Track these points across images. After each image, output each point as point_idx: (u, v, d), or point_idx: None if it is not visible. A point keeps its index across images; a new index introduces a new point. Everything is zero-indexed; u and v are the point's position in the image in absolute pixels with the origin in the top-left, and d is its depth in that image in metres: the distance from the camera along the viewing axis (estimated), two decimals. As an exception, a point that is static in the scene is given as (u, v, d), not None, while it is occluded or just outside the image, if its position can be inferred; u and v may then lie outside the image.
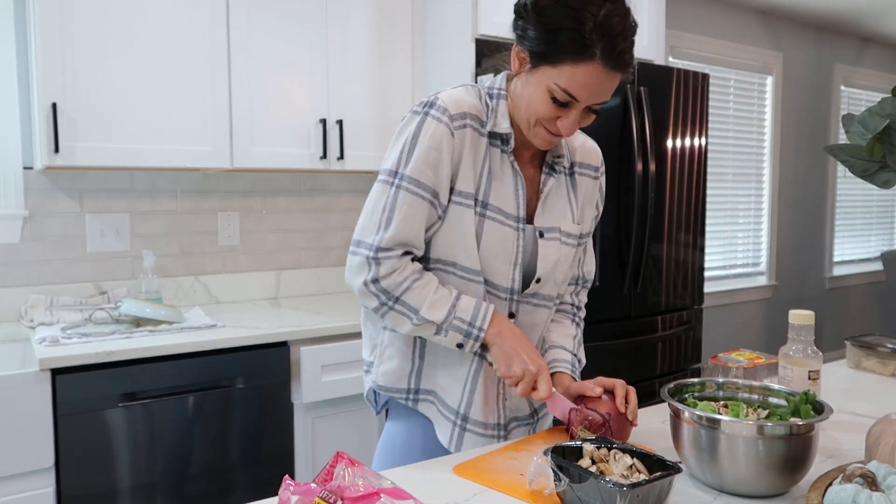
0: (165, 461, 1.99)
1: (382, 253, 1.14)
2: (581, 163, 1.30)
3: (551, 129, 1.14)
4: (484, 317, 1.16)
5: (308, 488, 0.85)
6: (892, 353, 1.67)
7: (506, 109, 1.19)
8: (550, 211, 1.24)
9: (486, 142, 1.18)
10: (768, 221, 4.73)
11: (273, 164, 2.41)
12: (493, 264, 1.20)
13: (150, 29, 2.17)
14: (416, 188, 1.14)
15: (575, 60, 1.06)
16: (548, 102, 1.10)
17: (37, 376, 1.80)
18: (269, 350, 2.14)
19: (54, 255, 2.37)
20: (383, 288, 1.15)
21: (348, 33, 2.54)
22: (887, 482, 0.86)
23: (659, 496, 0.90)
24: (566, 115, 1.11)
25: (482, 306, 1.17)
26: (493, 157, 1.19)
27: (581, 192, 1.30)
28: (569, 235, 1.26)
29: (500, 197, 1.19)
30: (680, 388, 1.13)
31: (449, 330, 1.16)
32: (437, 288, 1.17)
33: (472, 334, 1.16)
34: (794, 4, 4.40)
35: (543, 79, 1.10)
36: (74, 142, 2.07)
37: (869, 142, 1.05)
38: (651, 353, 2.71)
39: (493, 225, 1.18)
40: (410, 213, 1.14)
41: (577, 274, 1.38)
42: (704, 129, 2.83)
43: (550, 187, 1.25)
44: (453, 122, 1.14)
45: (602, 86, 1.08)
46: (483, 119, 1.18)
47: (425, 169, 1.14)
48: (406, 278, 1.15)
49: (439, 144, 1.13)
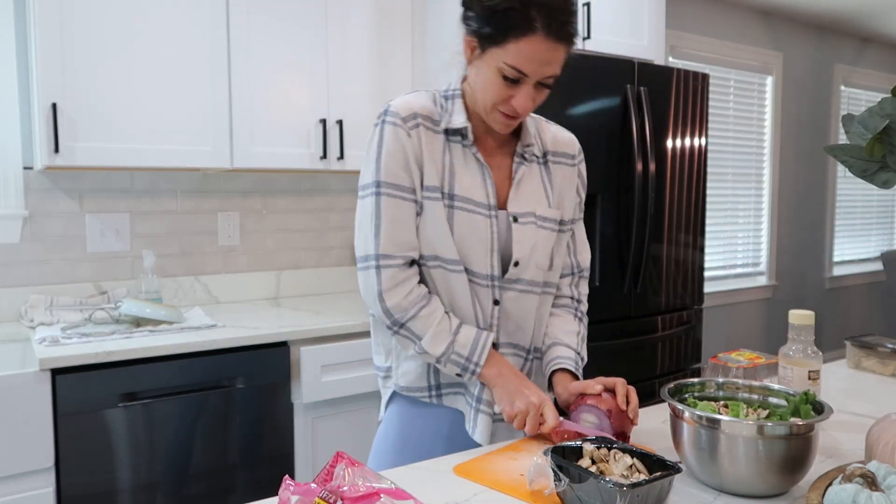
0: (165, 461, 1.99)
1: (383, 260, 1.20)
2: (555, 151, 1.34)
3: (507, 111, 1.18)
4: (481, 353, 1.21)
5: (308, 488, 0.85)
6: (892, 353, 1.67)
7: (461, 106, 1.25)
8: (524, 196, 1.28)
9: (442, 138, 1.24)
10: (768, 221, 4.73)
11: (273, 164, 2.41)
12: (470, 253, 1.23)
13: (150, 29, 2.17)
14: (395, 191, 1.20)
15: (518, 36, 1.11)
16: (499, 83, 1.15)
17: (37, 376, 1.80)
18: (269, 350, 2.14)
19: (54, 255, 2.37)
20: (388, 309, 1.21)
21: (348, 33, 2.54)
22: (887, 482, 0.86)
23: (659, 496, 0.90)
24: (518, 93, 1.15)
25: (479, 342, 1.21)
26: (455, 152, 1.25)
27: (557, 179, 1.33)
28: (545, 220, 1.29)
29: (467, 187, 1.23)
30: (680, 388, 1.13)
31: (447, 363, 1.22)
32: (441, 319, 1.21)
33: (469, 369, 1.21)
34: (794, 4, 4.40)
35: (492, 60, 1.14)
36: (74, 142, 2.07)
37: (869, 142, 1.05)
38: (651, 353, 2.71)
39: (464, 214, 1.22)
40: (397, 216, 1.20)
41: (571, 262, 1.39)
42: (704, 129, 2.83)
43: (522, 174, 1.29)
44: (406, 123, 1.21)
45: (547, 58, 1.13)
46: (435, 118, 1.24)
47: (397, 171, 1.20)
48: (412, 304, 1.21)
49: (401, 146, 1.20)
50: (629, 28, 2.88)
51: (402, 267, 1.21)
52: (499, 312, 1.28)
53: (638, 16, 2.91)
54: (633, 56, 2.81)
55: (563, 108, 2.41)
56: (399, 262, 1.20)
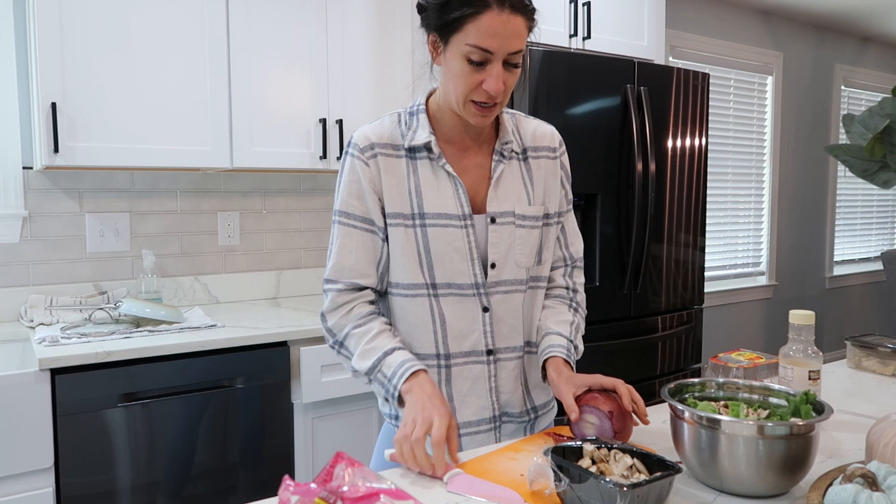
0: (165, 461, 1.99)
1: (327, 284, 1.26)
2: (535, 146, 1.34)
3: (480, 97, 1.17)
4: (402, 374, 1.16)
5: (308, 488, 0.85)
6: (892, 353, 1.67)
7: (425, 121, 1.26)
8: (503, 195, 1.28)
9: (404, 161, 1.25)
10: (768, 221, 4.73)
11: (273, 164, 2.41)
12: (451, 266, 1.24)
13: (150, 29, 2.17)
14: (347, 219, 1.25)
15: (474, 16, 1.12)
16: (467, 69, 1.15)
17: (36, 376, 1.80)
18: (269, 350, 2.14)
19: (54, 255, 2.37)
20: (329, 329, 1.26)
21: (348, 33, 2.54)
22: (887, 482, 0.86)
23: (659, 496, 0.90)
24: (488, 75, 1.15)
25: (405, 364, 1.17)
26: (422, 169, 1.25)
27: (539, 175, 1.32)
28: (524, 218, 1.28)
29: (439, 203, 1.24)
30: (680, 388, 1.13)
31: (374, 382, 1.21)
32: (374, 337, 1.21)
33: (389, 390, 1.18)
34: (794, 4, 4.40)
35: (456, 49, 1.15)
36: (74, 142, 2.07)
37: (869, 142, 1.05)
38: (651, 353, 2.71)
39: (438, 230, 1.24)
40: (344, 243, 1.25)
41: (563, 254, 1.39)
42: (704, 128, 2.83)
43: (501, 172, 1.28)
44: (364, 153, 1.24)
45: (507, 30, 1.12)
46: (397, 142, 1.26)
47: (351, 200, 1.25)
48: (349, 322, 1.24)
49: (357, 177, 1.24)
50: (629, 28, 2.88)
51: (344, 291, 1.25)
52: (490, 319, 1.27)
53: (638, 16, 2.90)
54: (633, 56, 2.81)
55: (564, 108, 2.41)
56: (341, 286, 1.25)
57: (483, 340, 1.28)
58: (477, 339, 1.27)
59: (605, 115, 2.51)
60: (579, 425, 1.16)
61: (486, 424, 1.28)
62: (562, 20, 2.70)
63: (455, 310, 1.26)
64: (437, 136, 1.27)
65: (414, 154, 1.26)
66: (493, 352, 1.29)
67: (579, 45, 2.74)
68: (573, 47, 2.72)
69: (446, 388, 1.28)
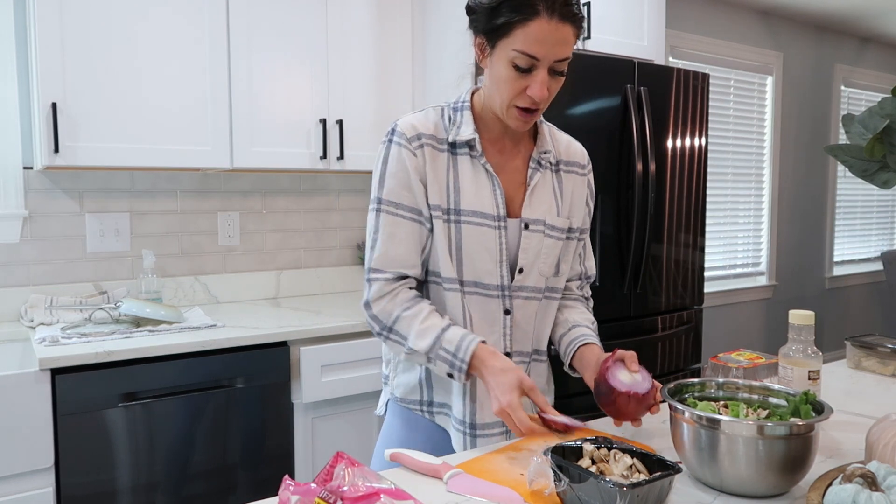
0: (165, 461, 1.99)
1: (373, 274, 1.25)
2: (567, 161, 1.36)
3: (523, 103, 1.19)
4: (466, 348, 1.18)
5: (308, 488, 0.85)
6: (892, 353, 1.67)
7: (469, 118, 1.27)
8: (537, 203, 1.29)
9: (446, 155, 1.26)
10: (768, 221, 4.73)
11: (273, 164, 2.41)
12: (480, 265, 1.26)
13: (150, 29, 2.17)
14: (395, 209, 1.24)
15: (523, 23, 1.13)
16: (513, 75, 1.16)
17: (37, 376, 1.80)
18: (269, 350, 2.14)
19: (54, 255, 2.37)
20: (375, 316, 1.25)
21: (348, 33, 2.54)
22: (887, 482, 0.86)
23: (659, 496, 0.90)
24: (532, 81, 1.16)
25: (466, 338, 1.19)
26: (462, 165, 1.26)
27: (568, 188, 1.35)
28: (553, 228, 1.31)
29: (476, 201, 1.25)
30: (680, 388, 1.13)
31: (436, 360, 1.21)
32: (427, 317, 1.22)
33: (456, 365, 1.19)
34: (794, 4, 4.40)
35: (503, 53, 1.16)
36: (74, 142, 2.07)
37: (869, 142, 1.05)
38: (651, 353, 2.71)
39: (471, 228, 1.25)
40: (393, 233, 1.24)
41: (580, 270, 1.44)
42: (704, 129, 2.83)
43: (537, 181, 1.30)
44: (411, 143, 1.24)
45: (555, 38, 1.13)
46: (440, 136, 1.26)
47: (399, 190, 1.24)
48: (397, 306, 1.23)
49: (405, 165, 1.24)
50: (629, 28, 2.88)
51: (391, 281, 1.24)
52: (510, 322, 1.30)
53: (638, 16, 2.90)
54: (633, 56, 2.81)
55: (564, 108, 2.40)
56: (388, 276, 1.24)
57: (503, 342, 1.30)
58: (497, 341, 1.30)
59: (605, 115, 2.51)
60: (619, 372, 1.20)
61: (500, 427, 1.30)
62: (562, 20, 2.70)
63: (479, 309, 1.28)
64: (480, 132, 1.29)
65: (455, 149, 1.27)
66: (511, 354, 1.31)
67: (579, 45, 2.74)
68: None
69: (471, 387, 1.29)
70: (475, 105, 1.30)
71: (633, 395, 1.17)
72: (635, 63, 2.58)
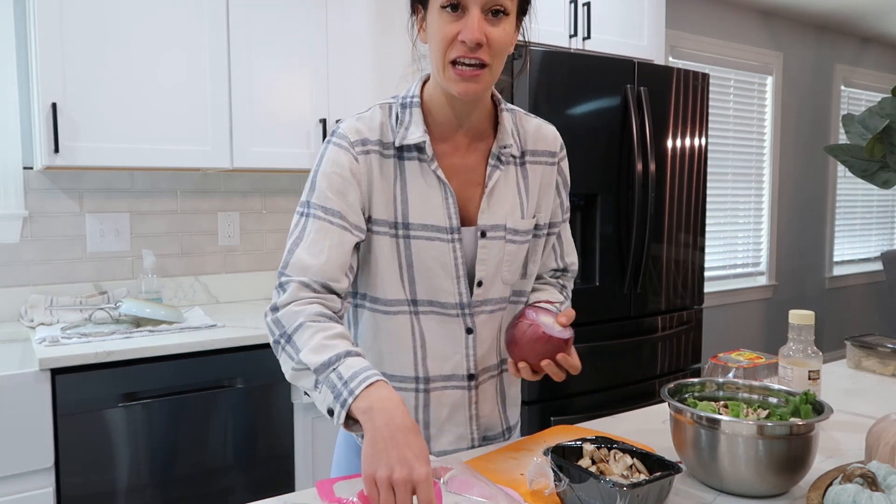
0: (165, 461, 1.99)
1: (285, 278, 1.06)
2: (534, 150, 1.21)
3: (458, 53, 1.04)
4: (364, 380, 0.91)
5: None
6: (892, 353, 1.67)
7: (419, 116, 1.12)
8: (496, 207, 1.15)
9: (393, 162, 1.12)
10: (768, 221, 4.73)
11: (273, 164, 2.41)
12: (435, 283, 1.13)
13: (150, 29, 2.17)
14: (324, 214, 1.08)
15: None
16: (445, 19, 1.04)
17: (37, 376, 1.80)
18: (270, 350, 2.13)
19: (54, 255, 2.37)
20: (278, 319, 1.03)
21: (348, 33, 2.54)
22: (887, 482, 0.86)
23: (659, 496, 0.90)
24: (465, 22, 1.03)
25: (369, 372, 0.93)
26: (412, 172, 1.12)
27: (535, 182, 1.20)
28: (516, 232, 1.17)
29: (425, 213, 1.12)
30: (680, 388, 1.13)
31: (323, 384, 0.94)
32: (335, 337, 0.98)
33: (341, 396, 0.91)
34: (794, 4, 4.40)
35: (433, 6, 1.06)
36: (74, 142, 2.07)
37: (869, 142, 1.05)
38: (651, 353, 2.71)
39: (422, 243, 1.12)
40: (317, 240, 1.06)
41: (557, 265, 1.31)
42: (704, 129, 2.83)
43: (497, 180, 1.16)
44: (354, 148, 1.10)
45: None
46: (387, 139, 1.12)
47: (330, 195, 1.08)
48: (304, 315, 1.01)
49: (342, 170, 1.09)
50: (629, 28, 2.88)
51: (305, 287, 1.05)
52: (473, 342, 1.17)
53: (638, 16, 2.90)
54: (633, 56, 2.81)
55: (564, 108, 2.41)
56: (304, 280, 1.05)
57: (465, 364, 1.17)
58: (458, 363, 1.17)
59: (605, 115, 2.51)
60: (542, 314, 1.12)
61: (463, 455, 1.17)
62: (562, 20, 2.70)
63: (437, 330, 1.15)
64: (429, 130, 1.14)
65: (402, 154, 1.12)
66: (475, 376, 1.19)
67: (579, 46, 2.74)
68: (573, 47, 2.72)
69: (423, 413, 1.18)
70: (425, 97, 1.15)
71: (543, 334, 1.08)
72: (635, 63, 2.58)
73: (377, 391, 0.90)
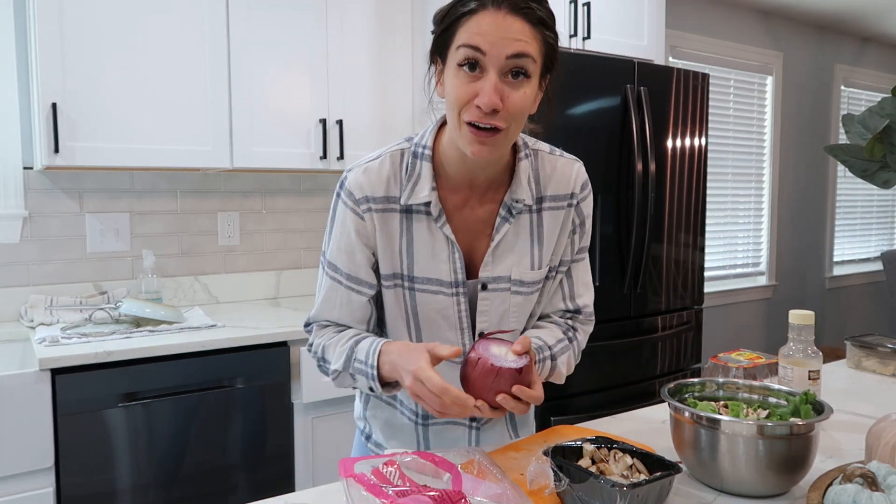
0: (165, 461, 1.99)
1: (312, 326, 1.20)
2: (553, 195, 1.16)
3: (472, 117, 0.99)
4: (374, 351, 1.07)
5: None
6: (892, 353, 1.67)
7: (429, 172, 1.09)
8: (500, 259, 1.13)
9: (399, 217, 1.11)
10: (768, 221, 4.73)
11: (273, 164, 2.41)
12: (439, 334, 1.15)
13: (150, 29, 2.17)
14: (334, 273, 1.15)
15: (468, 17, 0.98)
16: (461, 79, 0.99)
17: (37, 376, 1.80)
18: (269, 350, 2.14)
19: (54, 255, 2.37)
20: (312, 351, 1.19)
21: (348, 33, 2.54)
22: (887, 482, 0.86)
23: (659, 496, 0.90)
24: (482, 85, 0.97)
25: (374, 343, 1.09)
26: (419, 227, 1.11)
27: (551, 230, 1.16)
28: (522, 283, 1.14)
29: (430, 268, 1.12)
30: (680, 388, 1.13)
31: (356, 374, 1.10)
32: (349, 339, 1.13)
33: (368, 373, 1.07)
34: (794, 4, 4.40)
35: (451, 61, 1.00)
36: (74, 142, 2.07)
37: (869, 142, 1.05)
38: (651, 353, 2.71)
39: (426, 296, 1.13)
40: (329, 297, 1.16)
41: (566, 307, 1.22)
42: (704, 129, 2.83)
43: (504, 234, 1.13)
44: (359, 206, 1.10)
45: (502, 31, 0.96)
46: (393, 194, 1.10)
47: (339, 255, 1.14)
48: (325, 338, 1.16)
49: (348, 230, 1.12)
50: (629, 28, 2.88)
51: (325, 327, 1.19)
52: None
53: (638, 16, 2.91)
54: (633, 56, 2.81)
55: (564, 108, 2.40)
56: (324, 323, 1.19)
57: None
58: None
59: (605, 115, 2.51)
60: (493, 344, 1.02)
61: None
62: (562, 20, 2.70)
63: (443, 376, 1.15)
64: (440, 184, 1.11)
65: (410, 209, 1.11)
66: (478, 419, 1.21)
67: (579, 46, 2.74)
68: (573, 47, 2.72)
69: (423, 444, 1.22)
70: (439, 148, 1.11)
71: (492, 367, 0.98)
72: (635, 63, 2.58)
73: (385, 356, 1.06)
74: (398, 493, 0.88)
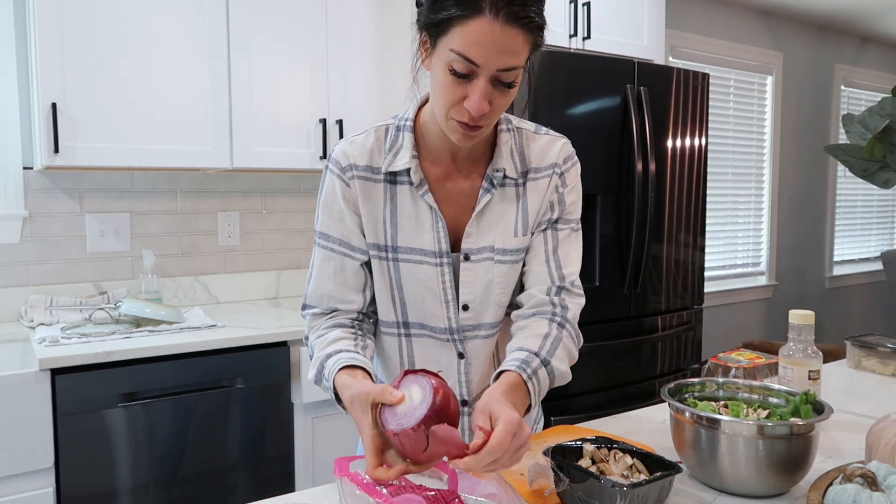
0: (165, 461, 1.99)
1: (306, 310, 1.17)
2: (537, 167, 1.16)
3: (461, 116, 1.00)
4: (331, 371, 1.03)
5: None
6: (892, 353, 1.67)
7: (410, 141, 1.11)
8: (484, 229, 1.13)
9: (383, 186, 1.12)
10: (768, 221, 4.73)
11: (273, 164, 2.41)
12: (425, 307, 1.14)
13: (150, 29, 2.17)
14: (326, 242, 1.15)
15: (462, 20, 0.94)
16: (450, 79, 0.98)
17: (37, 376, 1.80)
18: (269, 350, 2.14)
19: (54, 255, 2.37)
20: (308, 348, 1.15)
21: (348, 33, 2.54)
22: (887, 482, 0.86)
23: (659, 496, 0.90)
24: (472, 90, 0.98)
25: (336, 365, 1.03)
26: (402, 198, 1.12)
27: (535, 200, 1.15)
28: (505, 252, 1.13)
29: (414, 237, 1.12)
30: (680, 388, 1.13)
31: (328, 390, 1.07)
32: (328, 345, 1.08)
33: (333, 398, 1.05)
34: (794, 4, 4.40)
35: (441, 54, 0.98)
36: (74, 142, 2.07)
37: (869, 142, 1.05)
38: (651, 353, 2.71)
39: (410, 266, 1.12)
40: (323, 268, 1.15)
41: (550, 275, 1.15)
42: (704, 129, 2.83)
43: (485, 204, 1.12)
44: (344, 173, 1.12)
45: (499, 44, 0.94)
46: (376, 164, 1.12)
47: (330, 223, 1.14)
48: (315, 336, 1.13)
49: (337, 197, 1.13)
50: (629, 28, 2.88)
51: (318, 315, 1.15)
52: (465, 367, 1.16)
53: (638, 16, 2.91)
54: (633, 56, 2.81)
55: (564, 108, 2.41)
56: (316, 311, 1.15)
57: (458, 390, 1.17)
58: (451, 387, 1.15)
59: (605, 115, 2.51)
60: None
61: None
62: (562, 20, 2.70)
63: (429, 353, 1.16)
64: (422, 155, 1.13)
65: (394, 179, 1.12)
66: (468, 402, 1.18)
67: (579, 46, 2.74)
68: (573, 47, 2.72)
69: None
70: (420, 121, 1.13)
71: (402, 431, 0.83)
72: (635, 63, 2.58)
73: (340, 390, 1.01)
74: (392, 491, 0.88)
